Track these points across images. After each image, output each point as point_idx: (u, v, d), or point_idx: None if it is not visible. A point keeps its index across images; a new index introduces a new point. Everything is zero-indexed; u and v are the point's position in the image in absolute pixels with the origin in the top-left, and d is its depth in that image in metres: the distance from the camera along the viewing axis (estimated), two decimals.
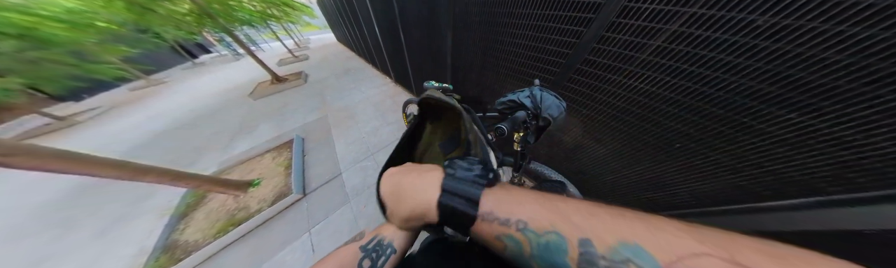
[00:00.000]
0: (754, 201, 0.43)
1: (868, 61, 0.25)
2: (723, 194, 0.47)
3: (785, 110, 0.32)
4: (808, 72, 0.28)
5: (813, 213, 0.37)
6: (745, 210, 0.45)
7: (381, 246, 0.22)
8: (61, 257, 1.24)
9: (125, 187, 1.56)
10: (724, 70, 0.35)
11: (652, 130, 0.50)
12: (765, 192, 0.40)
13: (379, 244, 0.22)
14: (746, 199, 0.44)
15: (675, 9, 0.35)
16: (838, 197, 0.34)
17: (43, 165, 0.74)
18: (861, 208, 0.32)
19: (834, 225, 0.36)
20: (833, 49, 0.26)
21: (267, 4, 3.75)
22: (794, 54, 0.28)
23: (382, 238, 0.23)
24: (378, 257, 0.21)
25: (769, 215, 0.42)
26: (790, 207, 0.39)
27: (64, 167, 0.78)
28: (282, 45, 6.73)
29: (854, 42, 0.25)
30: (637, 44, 0.42)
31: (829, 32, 0.26)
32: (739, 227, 0.48)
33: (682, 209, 0.56)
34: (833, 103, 0.28)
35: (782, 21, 0.28)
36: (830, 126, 0.30)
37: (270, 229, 1.11)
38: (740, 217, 0.47)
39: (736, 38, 0.32)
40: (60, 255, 1.25)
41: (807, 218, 0.38)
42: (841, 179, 0.33)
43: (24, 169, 0.72)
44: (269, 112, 2.53)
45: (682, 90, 0.41)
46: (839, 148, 0.30)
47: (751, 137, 0.37)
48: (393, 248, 0.22)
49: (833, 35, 0.26)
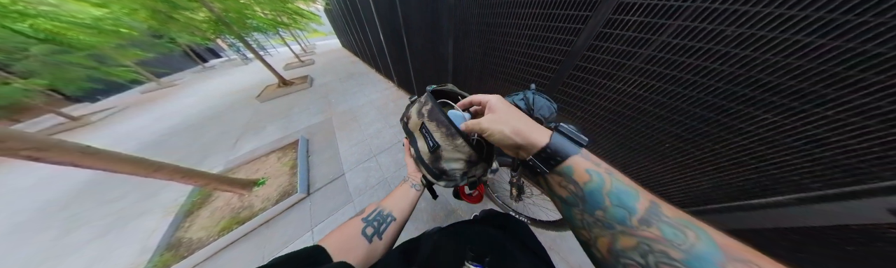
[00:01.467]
0: (743, 198, 0.45)
1: (824, 67, 0.28)
2: (714, 192, 0.49)
3: (761, 111, 0.35)
4: (775, 76, 0.32)
5: (799, 209, 0.39)
6: (735, 208, 0.47)
7: (382, 216, 0.25)
8: (70, 251, 1.25)
9: (133, 185, 1.60)
10: (703, 74, 0.38)
11: (643, 131, 0.53)
12: (753, 189, 0.42)
13: (379, 214, 0.25)
14: (736, 196, 0.46)
15: (656, 20, 0.40)
16: (819, 193, 0.36)
17: (70, 159, 0.78)
18: (841, 203, 0.34)
19: (818, 221, 0.38)
20: (794, 56, 0.30)
21: (278, 13, 3.95)
22: (761, 61, 0.32)
23: (382, 209, 0.26)
24: (379, 225, 0.24)
25: (758, 212, 0.44)
26: (775, 204, 0.41)
27: (87, 162, 0.82)
28: (289, 50, 7.02)
29: (810, 50, 0.28)
30: (625, 52, 0.46)
31: (788, 41, 0.29)
32: (730, 224, 0.49)
33: None
34: (802, 104, 0.31)
35: (747, 31, 0.31)
36: (803, 125, 0.32)
37: (273, 228, 1.13)
38: (729, 215, 0.48)
39: (709, 46, 0.35)
40: (70, 249, 1.27)
41: (793, 214, 0.40)
42: (819, 176, 0.35)
43: (52, 163, 0.76)
44: (276, 114, 2.60)
45: (668, 93, 0.44)
46: (813, 145, 0.33)
47: (733, 136, 0.39)
48: (393, 216, 0.25)
49: (791, 43, 0.29)
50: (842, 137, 0.31)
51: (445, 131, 0.23)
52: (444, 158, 0.24)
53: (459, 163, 0.24)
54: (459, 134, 0.22)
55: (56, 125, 3.80)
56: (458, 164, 0.24)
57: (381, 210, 0.26)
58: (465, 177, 0.26)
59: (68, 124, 3.73)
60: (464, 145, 0.22)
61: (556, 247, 0.83)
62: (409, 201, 0.28)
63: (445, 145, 0.23)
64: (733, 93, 0.36)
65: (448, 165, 0.24)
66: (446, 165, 0.24)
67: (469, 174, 0.26)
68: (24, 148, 0.70)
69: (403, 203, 0.27)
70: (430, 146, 0.24)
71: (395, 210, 0.26)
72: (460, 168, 0.24)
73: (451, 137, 0.23)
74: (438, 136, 0.23)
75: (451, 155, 0.24)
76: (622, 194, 0.13)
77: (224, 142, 2.14)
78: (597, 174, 0.14)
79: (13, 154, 0.70)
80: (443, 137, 0.23)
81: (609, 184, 0.13)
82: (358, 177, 1.37)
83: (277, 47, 10.51)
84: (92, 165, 0.83)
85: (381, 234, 0.23)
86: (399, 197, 0.28)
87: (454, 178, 0.25)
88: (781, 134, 0.35)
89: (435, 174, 0.25)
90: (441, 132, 0.23)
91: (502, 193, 1.03)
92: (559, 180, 0.15)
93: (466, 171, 0.25)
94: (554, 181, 0.15)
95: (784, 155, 0.36)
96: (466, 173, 0.25)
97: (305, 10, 4.25)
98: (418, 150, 0.27)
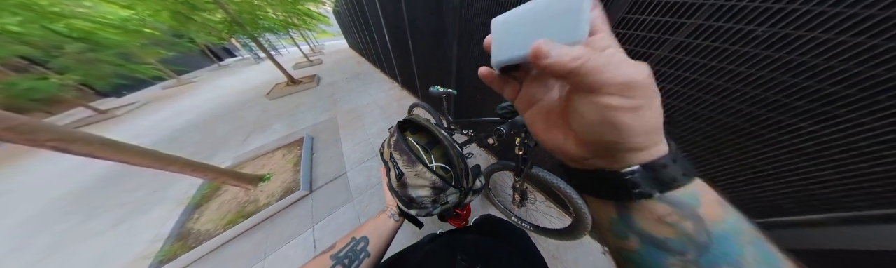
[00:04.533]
0: (771, 215, 0.41)
1: (860, 68, 0.25)
2: (736, 206, 0.44)
3: (796, 118, 0.30)
4: (814, 80, 0.27)
5: (836, 230, 0.34)
6: (759, 225, 0.43)
7: (354, 252, 0.22)
8: (88, 238, 1.34)
9: (149, 176, 1.69)
10: (728, 78, 0.34)
11: None
12: (786, 205, 0.38)
13: (352, 250, 0.22)
14: (762, 212, 0.42)
15: (673, 20, 0.36)
16: (866, 213, 0.31)
17: (90, 151, 0.83)
18: (892, 226, 0.30)
19: (860, 244, 0.33)
20: (837, 58, 0.26)
21: (289, 14, 4.07)
22: (797, 63, 0.28)
23: (355, 243, 0.23)
24: (350, 263, 0.21)
25: (787, 230, 0.39)
26: (809, 222, 0.37)
27: (108, 154, 0.87)
28: (298, 50, 7.17)
29: (856, 52, 0.25)
30: (638, 53, 0.43)
31: (831, 42, 0.25)
32: None
33: None
34: (847, 112, 0.27)
35: (781, 31, 0.28)
36: (847, 136, 0.28)
37: (277, 223, 1.16)
38: None
39: (736, 48, 0.32)
40: (88, 236, 1.36)
41: (829, 235, 0.35)
42: (867, 194, 0.30)
43: (77, 154, 0.82)
44: (283, 112, 2.68)
45: (687, 98, 0.41)
46: (860, 159, 0.29)
47: (762, 147, 0.35)
48: (367, 252, 0.22)
49: (835, 44, 0.25)
50: None
51: (407, 159, 0.24)
52: (409, 185, 0.24)
53: (425, 190, 0.24)
54: (419, 161, 0.23)
55: (85, 118, 4.06)
56: (424, 190, 0.24)
57: (353, 244, 0.23)
58: (436, 204, 0.25)
59: (96, 117, 3.98)
60: (424, 171, 0.23)
61: (560, 256, 0.79)
62: (387, 232, 0.25)
63: (408, 172, 0.24)
64: (764, 98, 0.32)
65: (415, 192, 0.24)
66: (413, 192, 0.24)
67: (439, 201, 0.25)
68: (50, 139, 0.75)
69: (380, 235, 0.25)
70: (397, 174, 0.25)
71: (370, 244, 0.23)
72: (427, 195, 0.24)
73: (411, 164, 0.23)
74: (401, 164, 0.25)
75: (415, 182, 0.24)
76: (764, 252, 0.08)
77: (235, 138, 2.22)
78: (733, 213, 0.09)
79: (41, 144, 0.75)
80: (405, 165, 0.24)
81: (749, 231, 0.09)
82: (359, 176, 1.38)
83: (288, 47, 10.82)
84: (110, 156, 0.88)
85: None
86: (375, 228, 0.26)
87: (425, 205, 0.25)
88: (823, 145, 0.30)
89: (405, 202, 0.25)
90: (404, 160, 0.24)
91: (505, 198, 1.01)
92: (664, 213, 0.09)
93: (435, 198, 0.24)
94: (649, 213, 0.09)
95: (824, 169, 0.32)
96: (437, 200, 0.25)
97: (314, 11, 4.36)
98: (390, 179, 0.27)
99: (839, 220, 0.34)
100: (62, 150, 0.79)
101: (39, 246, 1.38)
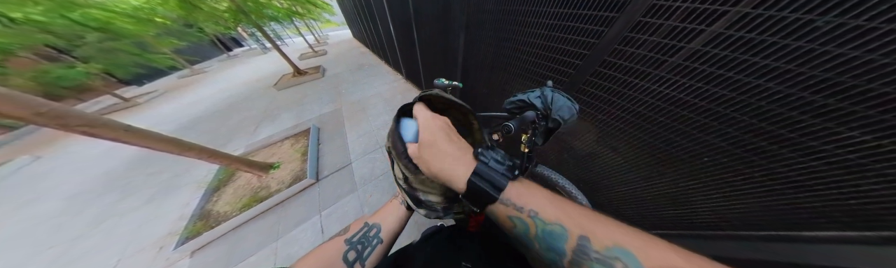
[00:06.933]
0: (796, 228, 0.37)
1: None
2: (759, 218, 0.40)
3: (848, 128, 0.26)
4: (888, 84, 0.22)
5: (872, 249, 0.30)
6: (780, 238, 0.39)
7: (367, 238, 0.22)
8: (121, 216, 1.50)
9: (171, 162, 1.82)
10: (770, 78, 0.29)
11: (676, 141, 0.45)
12: (818, 219, 0.34)
13: (364, 236, 0.22)
14: (785, 225, 0.38)
15: (712, 7, 0.31)
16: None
17: (115, 136, 0.89)
18: None
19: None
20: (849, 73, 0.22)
21: (292, 2, 3.95)
22: (864, 61, 0.22)
23: (368, 229, 0.22)
24: (364, 249, 0.21)
25: (814, 246, 0.35)
26: (842, 239, 0.32)
27: (131, 139, 0.93)
28: (303, 41, 7.01)
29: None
30: (667, 46, 0.38)
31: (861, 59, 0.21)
32: (773, 257, 0.41)
33: (700, 230, 0.50)
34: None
35: (850, 22, 0.22)
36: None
37: (287, 208, 1.24)
38: (774, 245, 0.40)
39: (787, 42, 0.26)
40: (120, 214, 1.52)
41: (861, 255, 0.31)
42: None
43: (105, 139, 0.88)
44: (290, 103, 2.72)
45: (717, 99, 0.35)
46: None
47: (800, 156, 0.31)
48: (379, 239, 0.22)
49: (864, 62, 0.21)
50: None
51: (404, 164, 0.19)
52: (419, 189, 0.21)
53: (435, 197, 0.21)
54: (418, 169, 0.18)
55: (112, 105, 4.34)
56: (434, 197, 0.21)
57: (367, 230, 0.22)
58: (448, 211, 0.22)
59: (122, 105, 4.24)
60: (429, 181, 0.19)
61: None
62: (399, 220, 0.24)
63: (411, 177, 0.20)
64: (811, 102, 0.27)
65: (424, 196, 0.21)
66: (422, 196, 0.21)
67: (452, 209, 0.22)
68: (79, 124, 0.81)
69: (392, 222, 0.24)
70: (402, 177, 0.21)
71: (383, 231, 0.23)
72: (438, 201, 0.21)
73: (409, 171, 0.19)
74: (398, 168, 0.20)
75: (422, 187, 0.21)
76: (549, 237, 0.12)
77: (246, 127, 2.31)
78: (519, 220, 0.13)
79: (71, 129, 0.81)
80: (403, 169, 0.19)
81: (534, 228, 0.13)
82: (364, 167, 1.42)
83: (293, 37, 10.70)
84: (133, 142, 0.95)
85: (364, 260, 0.20)
86: (388, 214, 0.25)
87: (435, 209, 0.22)
88: (874, 159, 0.26)
89: (413, 200, 0.22)
90: (401, 164, 0.19)
91: None
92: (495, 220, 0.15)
93: (447, 206, 0.21)
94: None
95: (873, 184, 0.27)
96: (449, 208, 0.21)
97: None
98: (394, 174, 0.23)
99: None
100: (91, 134, 0.85)
101: (89, 216, 1.56)
